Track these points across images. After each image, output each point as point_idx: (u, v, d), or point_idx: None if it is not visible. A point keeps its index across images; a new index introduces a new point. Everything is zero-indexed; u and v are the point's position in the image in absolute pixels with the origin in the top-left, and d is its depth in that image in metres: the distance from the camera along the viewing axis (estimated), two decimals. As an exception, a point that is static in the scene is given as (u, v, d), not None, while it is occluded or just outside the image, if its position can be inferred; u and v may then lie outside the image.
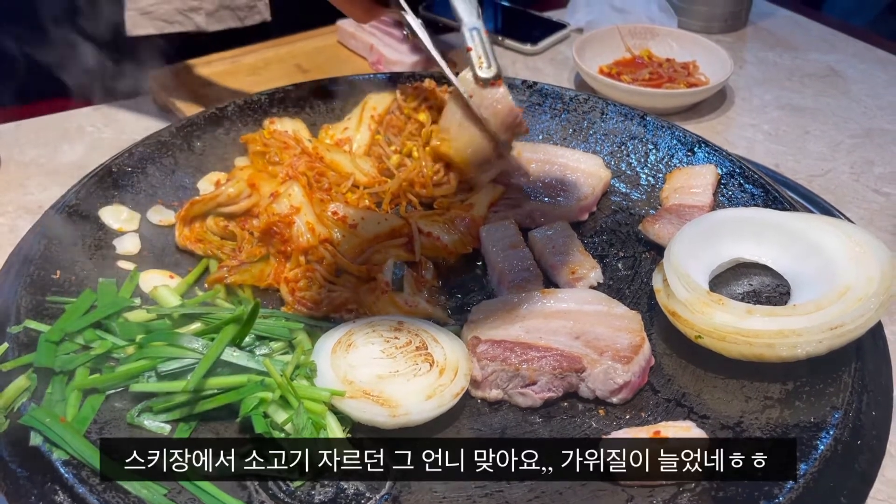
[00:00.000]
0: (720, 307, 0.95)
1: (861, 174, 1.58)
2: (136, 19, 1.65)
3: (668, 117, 1.51)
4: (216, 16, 1.71)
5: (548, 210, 1.22)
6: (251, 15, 1.76)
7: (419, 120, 1.32)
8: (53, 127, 1.61)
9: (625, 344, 0.95)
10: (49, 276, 1.03)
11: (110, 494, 0.79)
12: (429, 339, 0.94)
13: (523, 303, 1.02)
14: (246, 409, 0.85)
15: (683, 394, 0.95)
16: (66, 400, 0.87)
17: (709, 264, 1.06)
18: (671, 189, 1.24)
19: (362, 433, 0.88)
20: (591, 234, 1.22)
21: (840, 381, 0.91)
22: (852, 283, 0.95)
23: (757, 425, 0.89)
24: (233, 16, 1.74)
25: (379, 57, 1.74)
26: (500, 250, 1.12)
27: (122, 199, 1.19)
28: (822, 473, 0.82)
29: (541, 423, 0.92)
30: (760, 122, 1.75)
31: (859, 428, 0.88)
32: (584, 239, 1.19)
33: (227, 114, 1.36)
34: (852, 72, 1.96)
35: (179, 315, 0.98)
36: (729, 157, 1.27)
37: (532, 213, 1.22)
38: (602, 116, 1.40)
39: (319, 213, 1.12)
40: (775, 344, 0.90)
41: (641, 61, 1.85)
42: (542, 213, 1.21)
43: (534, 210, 1.22)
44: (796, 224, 1.06)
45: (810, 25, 2.20)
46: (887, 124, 1.75)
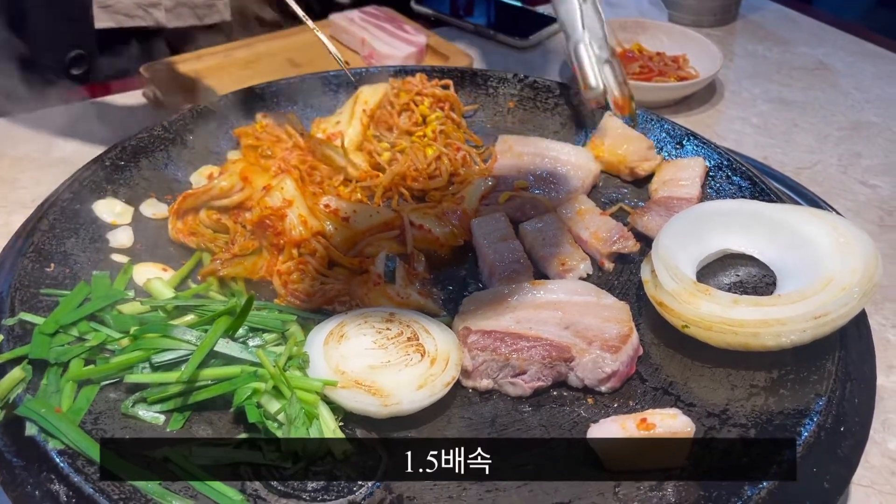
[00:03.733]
0: (706, 297, 0.97)
1: (848, 166, 1.60)
2: (98, 13, 1.69)
3: (659, 110, 1.52)
4: (175, 12, 1.75)
5: (538, 202, 1.23)
6: (210, 14, 1.79)
7: (420, 111, 1.33)
8: (46, 121, 1.61)
9: (613, 334, 0.96)
10: (43, 270, 1.04)
11: (105, 483, 0.80)
12: (420, 330, 0.95)
13: (513, 294, 1.03)
14: (239, 400, 0.87)
15: (671, 382, 0.96)
16: (61, 391, 0.88)
17: (696, 255, 1.08)
18: (660, 181, 1.26)
19: (355, 422, 0.89)
20: (580, 227, 1.23)
21: (824, 370, 0.93)
22: (836, 274, 0.97)
23: (742, 413, 0.91)
24: (192, 14, 1.77)
25: (371, 51, 1.75)
26: (490, 243, 1.13)
27: (115, 192, 1.20)
28: (806, 459, 0.84)
29: (530, 411, 0.94)
30: (749, 115, 1.76)
31: (842, 415, 0.90)
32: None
33: (220, 108, 1.37)
34: (840, 65, 1.97)
35: (173, 307, 0.99)
36: (717, 150, 1.29)
37: (523, 206, 1.23)
38: (593, 109, 1.41)
39: (312, 206, 1.13)
40: (760, 333, 0.92)
41: (632, 55, 1.86)
42: (533, 206, 1.23)
43: (525, 202, 1.23)
44: (783, 216, 1.08)
45: (799, 19, 2.21)
46: (875, 117, 1.76)
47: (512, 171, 1.28)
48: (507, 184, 1.26)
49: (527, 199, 1.23)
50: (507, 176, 1.27)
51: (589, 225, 1.15)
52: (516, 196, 1.24)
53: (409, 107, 1.36)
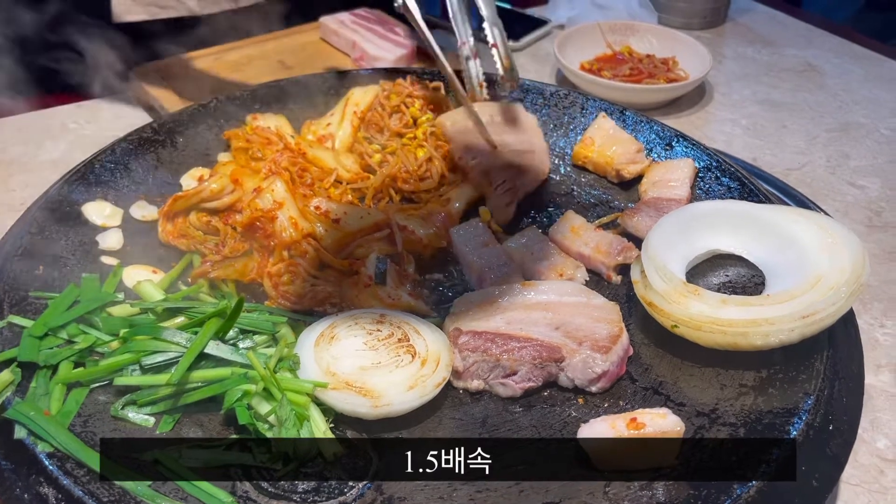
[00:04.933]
0: (696, 297, 0.97)
1: (837, 167, 1.61)
2: (127, 5, 1.61)
3: (649, 112, 1.53)
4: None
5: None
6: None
7: (411, 113, 1.33)
8: (36, 124, 1.61)
9: (603, 334, 0.97)
10: (32, 272, 1.03)
11: (95, 485, 0.79)
12: (411, 331, 0.96)
13: (504, 295, 1.03)
14: (230, 401, 0.86)
15: (661, 382, 0.97)
16: (50, 394, 0.88)
17: (686, 256, 1.08)
18: (649, 182, 1.26)
19: (345, 424, 0.89)
20: (571, 228, 1.23)
21: (812, 369, 0.93)
22: (824, 273, 0.97)
23: (732, 412, 0.91)
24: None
25: (361, 53, 1.75)
26: (473, 249, 1.12)
27: (105, 195, 1.19)
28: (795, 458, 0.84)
29: (521, 412, 0.94)
30: (739, 117, 1.77)
31: (831, 414, 0.90)
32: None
33: (210, 110, 1.36)
34: (829, 67, 1.99)
35: (163, 309, 0.99)
36: (706, 151, 1.29)
37: (495, 168, 1.25)
38: (582, 111, 1.41)
39: (302, 207, 1.13)
40: (749, 332, 0.92)
41: (622, 57, 1.87)
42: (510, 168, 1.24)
43: (490, 168, 1.25)
44: (771, 216, 1.08)
45: (788, 21, 2.23)
46: (863, 118, 1.77)
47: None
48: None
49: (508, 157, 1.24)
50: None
51: (588, 241, 1.15)
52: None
53: (399, 109, 1.36)
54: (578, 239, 1.15)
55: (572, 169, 1.35)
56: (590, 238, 1.15)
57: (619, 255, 1.12)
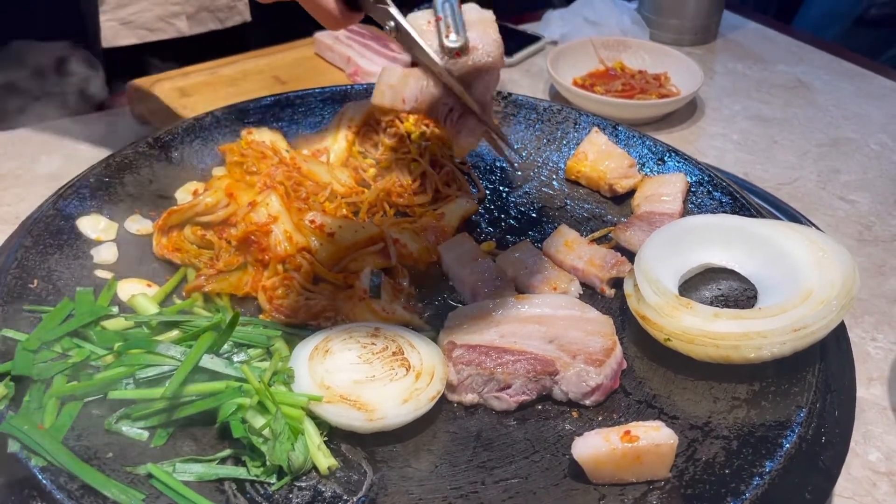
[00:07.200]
0: (688, 311, 0.98)
1: (827, 182, 1.62)
2: (116, 30, 1.64)
3: (641, 128, 1.54)
4: (197, 18, 1.72)
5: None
6: (231, 16, 1.77)
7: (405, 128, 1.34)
8: (30, 138, 1.61)
9: (597, 347, 0.97)
10: (27, 286, 1.03)
11: (88, 500, 0.79)
12: (405, 345, 0.96)
13: (498, 308, 1.04)
14: (224, 415, 0.86)
15: (654, 395, 0.97)
16: (44, 408, 0.88)
17: (678, 269, 1.09)
18: (642, 197, 1.27)
19: (340, 437, 0.89)
20: (564, 242, 1.24)
21: (804, 382, 0.94)
22: (816, 287, 0.98)
23: (725, 424, 0.91)
24: (213, 18, 1.74)
25: (356, 68, 1.76)
26: (463, 265, 1.13)
27: (99, 209, 1.19)
28: (788, 470, 0.85)
29: (515, 425, 0.94)
30: (730, 132, 1.79)
31: (823, 426, 0.91)
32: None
33: (205, 124, 1.37)
34: (819, 83, 2.01)
35: (157, 323, 0.99)
36: (698, 166, 1.30)
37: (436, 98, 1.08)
38: (575, 126, 1.42)
39: (297, 221, 1.13)
40: (741, 346, 0.93)
41: (614, 73, 1.89)
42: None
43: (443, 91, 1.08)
44: (763, 230, 1.09)
45: (778, 38, 2.25)
46: (853, 134, 1.79)
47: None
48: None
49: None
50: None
51: (581, 255, 1.15)
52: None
53: (393, 123, 1.37)
54: (572, 253, 1.16)
55: (565, 183, 1.36)
56: (583, 252, 1.16)
57: (612, 268, 1.13)
